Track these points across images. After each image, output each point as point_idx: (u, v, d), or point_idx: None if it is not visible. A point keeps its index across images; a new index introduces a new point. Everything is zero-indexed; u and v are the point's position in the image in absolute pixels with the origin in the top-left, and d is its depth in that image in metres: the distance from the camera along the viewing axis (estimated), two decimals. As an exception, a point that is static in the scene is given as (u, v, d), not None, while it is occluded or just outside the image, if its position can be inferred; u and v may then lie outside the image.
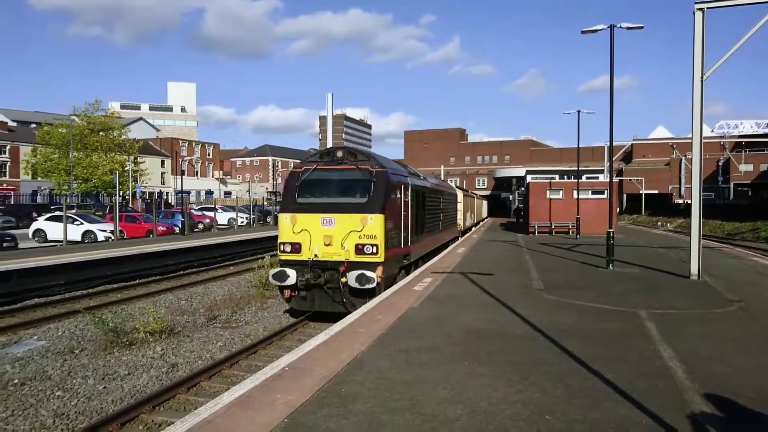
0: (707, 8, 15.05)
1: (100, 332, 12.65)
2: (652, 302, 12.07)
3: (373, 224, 13.24)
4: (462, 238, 33.08)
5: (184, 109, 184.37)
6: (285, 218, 13.82)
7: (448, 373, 6.91)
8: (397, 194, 14.83)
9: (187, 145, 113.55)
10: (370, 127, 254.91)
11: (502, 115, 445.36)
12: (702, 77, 15.18)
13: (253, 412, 5.60)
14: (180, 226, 38.28)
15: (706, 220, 34.52)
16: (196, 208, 55.19)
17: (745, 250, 27.11)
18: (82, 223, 33.11)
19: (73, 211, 40.98)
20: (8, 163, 78.14)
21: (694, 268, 15.67)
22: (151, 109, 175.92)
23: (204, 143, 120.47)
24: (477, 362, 7.41)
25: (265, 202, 75.19)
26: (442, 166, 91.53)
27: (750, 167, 78.83)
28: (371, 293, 12.98)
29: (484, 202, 71.52)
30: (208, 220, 44.28)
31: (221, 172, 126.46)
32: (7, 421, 8.22)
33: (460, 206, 33.63)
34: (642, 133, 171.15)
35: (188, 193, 77.65)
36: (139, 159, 73.55)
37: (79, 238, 32.00)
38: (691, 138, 15.82)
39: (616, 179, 30.28)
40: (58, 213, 35.50)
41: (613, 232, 18.80)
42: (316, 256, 13.42)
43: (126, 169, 64.20)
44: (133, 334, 12.61)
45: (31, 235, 34.17)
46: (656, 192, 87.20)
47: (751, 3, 15.03)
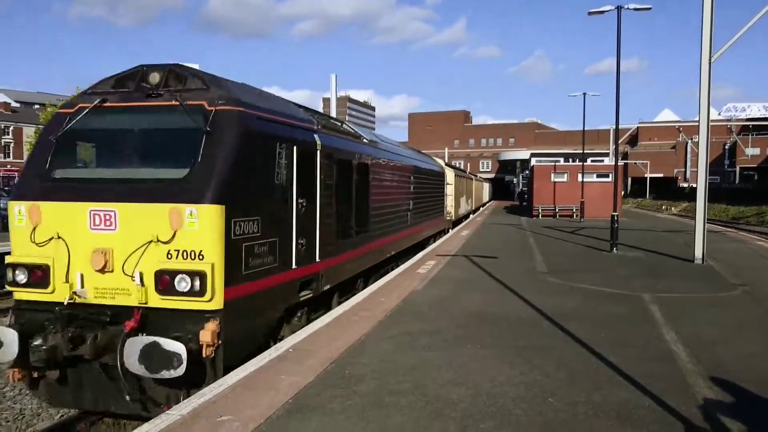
0: (717, -11, 14.84)
1: None
2: (656, 286, 12.06)
3: (199, 227, 6.29)
4: (453, 231, 26.54)
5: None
6: (18, 211, 6.72)
7: (452, 356, 6.92)
8: (276, 161, 7.61)
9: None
10: (373, 109, 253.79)
11: (507, 98, 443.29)
12: (710, 59, 15.02)
13: (257, 393, 5.63)
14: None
15: (711, 204, 34.40)
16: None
17: (749, 235, 27.03)
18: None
19: None
20: (12, 144, 78.30)
21: (699, 252, 15.63)
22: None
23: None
24: (480, 345, 7.43)
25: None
26: (446, 149, 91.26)
27: (757, 151, 78.39)
28: (188, 382, 6.23)
29: (486, 185, 67.72)
30: None
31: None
32: None
33: (450, 189, 27.40)
34: (648, 116, 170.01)
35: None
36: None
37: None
38: (698, 121, 15.70)
39: (621, 162, 30.37)
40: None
41: (618, 216, 18.75)
42: (76, 294, 6.49)
43: None
44: None
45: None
46: (661, 176, 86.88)
47: (762, -16, 14.79)
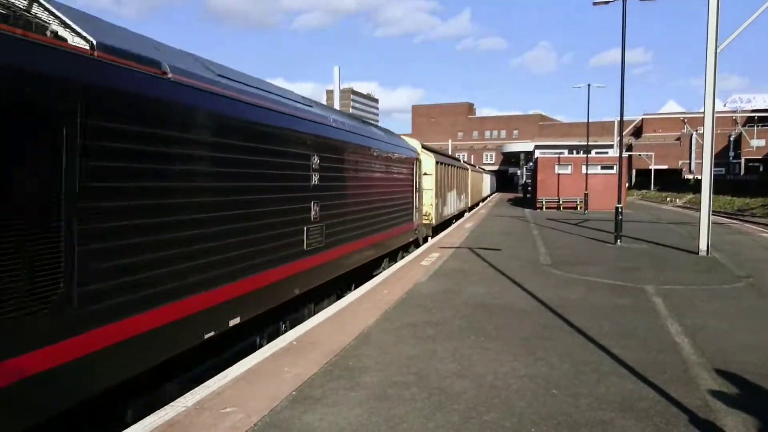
0: (723, -21, 14.72)
1: None
2: (660, 278, 12.04)
3: None
4: (435, 239, 20.04)
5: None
6: None
7: (455, 348, 6.94)
8: None
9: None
10: (377, 101, 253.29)
11: (511, 90, 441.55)
12: (716, 50, 14.92)
13: (261, 384, 5.65)
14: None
15: (716, 195, 34.28)
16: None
17: (754, 227, 26.94)
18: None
19: None
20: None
21: (703, 244, 15.60)
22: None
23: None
24: (484, 337, 7.44)
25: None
26: (450, 141, 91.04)
27: (762, 142, 77.88)
28: None
29: (487, 177, 62.37)
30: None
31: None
32: None
33: (430, 181, 20.30)
34: (653, 108, 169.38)
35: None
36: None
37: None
38: (703, 112, 15.62)
39: (625, 154, 30.03)
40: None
41: (622, 208, 18.71)
42: None
43: None
44: None
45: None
46: (666, 167, 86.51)
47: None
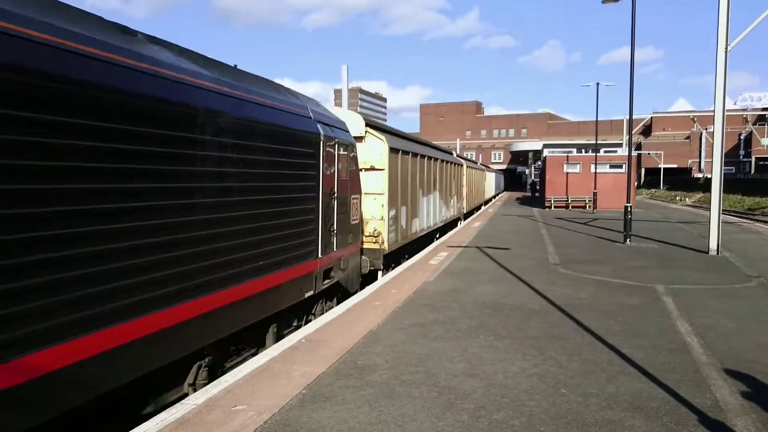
0: (733, -24, 14.62)
1: None
2: (670, 277, 11.99)
3: None
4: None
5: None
6: None
7: (464, 347, 6.94)
8: None
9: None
10: (385, 100, 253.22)
11: (520, 88, 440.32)
12: (726, 48, 14.82)
13: (271, 383, 5.68)
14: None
15: (726, 194, 34.10)
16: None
17: (765, 226, 26.73)
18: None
19: None
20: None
21: (713, 244, 15.50)
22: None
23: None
24: (493, 336, 7.44)
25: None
26: (458, 140, 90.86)
27: (773, 141, 77.16)
28: None
29: (491, 175, 53.21)
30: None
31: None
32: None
33: (379, 181, 13.34)
34: (662, 106, 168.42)
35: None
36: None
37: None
38: (713, 111, 15.53)
39: (634, 153, 29.79)
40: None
41: (631, 207, 18.63)
42: None
43: None
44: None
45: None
46: (675, 166, 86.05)
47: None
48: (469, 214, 31.25)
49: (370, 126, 13.53)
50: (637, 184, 66.43)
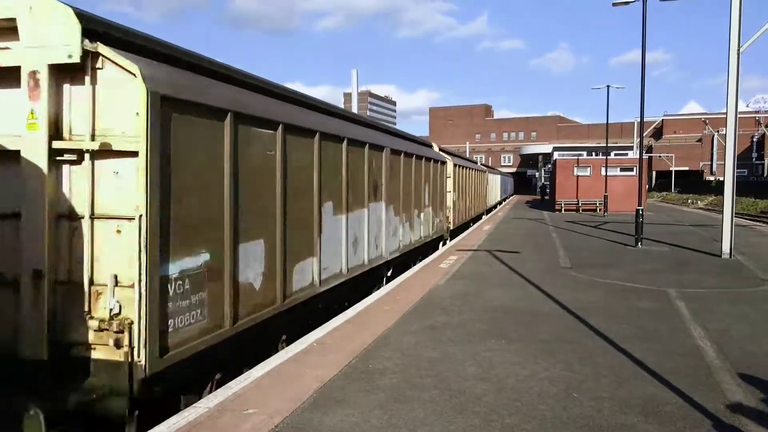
0: (745, -22, 14.54)
1: None
2: (682, 281, 11.90)
3: None
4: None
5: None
6: None
7: (475, 351, 6.92)
8: None
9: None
10: (394, 103, 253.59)
11: (530, 91, 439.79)
12: (738, 50, 14.73)
13: (282, 386, 5.69)
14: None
15: (739, 197, 33.74)
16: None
17: (778, 229, 26.47)
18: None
19: None
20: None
21: (726, 247, 15.37)
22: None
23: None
24: (504, 339, 7.41)
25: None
26: (468, 143, 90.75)
27: (786, 143, 76.55)
28: None
29: (495, 178, 45.38)
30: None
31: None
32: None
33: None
34: (673, 109, 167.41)
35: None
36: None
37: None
38: (725, 113, 15.42)
39: (645, 156, 29.35)
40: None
41: (643, 210, 18.52)
42: None
43: None
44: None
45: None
46: (687, 169, 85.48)
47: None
48: (463, 229, 23.73)
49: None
50: (648, 187, 66.01)
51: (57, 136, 4.95)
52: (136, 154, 4.86)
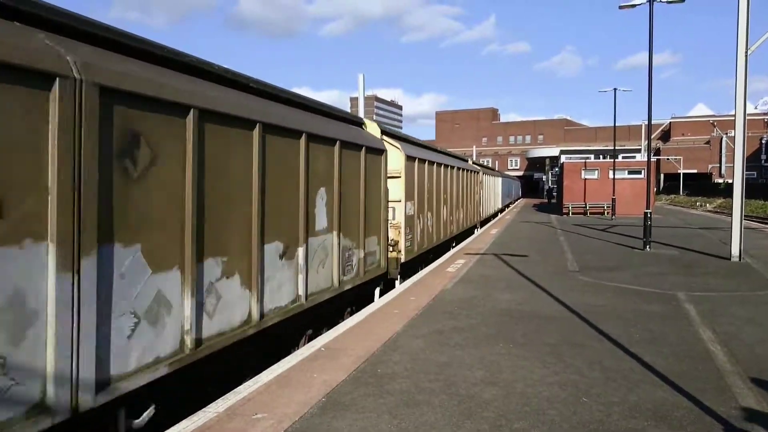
0: (753, -21, 14.50)
1: None
2: (691, 284, 11.84)
3: None
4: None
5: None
6: None
7: (483, 355, 6.91)
8: None
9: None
10: (401, 107, 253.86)
11: (536, 95, 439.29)
12: (746, 52, 14.68)
13: (291, 391, 5.70)
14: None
15: (748, 200, 33.55)
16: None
17: (788, 231, 26.29)
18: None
19: None
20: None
21: (735, 250, 15.28)
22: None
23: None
24: (512, 343, 7.40)
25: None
26: (474, 146, 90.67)
27: (795, 145, 76.03)
28: None
29: (496, 181, 38.04)
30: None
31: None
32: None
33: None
34: (681, 111, 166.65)
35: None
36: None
37: None
38: (734, 115, 15.35)
39: (653, 158, 29.04)
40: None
41: (651, 213, 18.44)
42: None
43: None
44: None
45: None
46: (695, 171, 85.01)
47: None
48: (436, 254, 17.00)
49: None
50: (656, 189, 65.70)
51: None
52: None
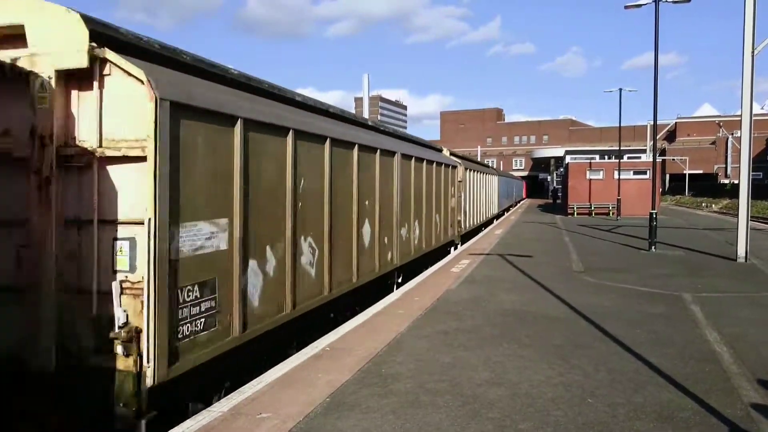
0: (759, -21, 14.44)
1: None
2: (697, 285, 11.79)
3: None
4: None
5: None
6: None
7: (488, 355, 6.90)
8: None
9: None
10: (405, 108, 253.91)
11: (541, 95, 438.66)
12: (753, 52, 14.62)
13: (295, 391, 5.70)
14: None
15: (754, 200, 33.19)
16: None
17: (795, 232, 26.16)
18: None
19: None
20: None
21: (741, 251, 15.22)
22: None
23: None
24: (517, 344, 7.38)
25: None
26: (479, 147, 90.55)
27: (801, 145, 75.65)
28: None
29: (492, 180, 31.14)
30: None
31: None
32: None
33: None
34: (687, 111, 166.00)
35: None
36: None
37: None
38: (740, 115, 15.29)
39: (658, 159, 28.72)
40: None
41: (656, 213, 18.38)
42: None
43: None
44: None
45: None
46: (701, 172, 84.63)
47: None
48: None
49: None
50: (661, 190, 65.46)
51: None
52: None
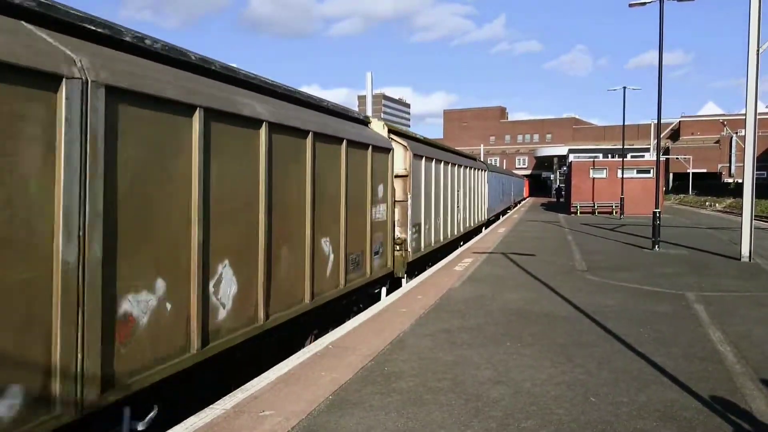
0: (765, -23, 14.39)
1: None
2: (701, 284, 11.77)
3: None
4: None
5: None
6: None
7: (491, 354, 6.89)
8: None
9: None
10: (408, 106, 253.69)
11: (545, 94, 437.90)
12: (758, 50, 14.58)
13: (298, 389, 5.71)
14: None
15: (758, 199, 33.27)
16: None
17: (799, 231, 26.08)
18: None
19: None
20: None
21: (745, 250, 15.18)
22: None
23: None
24: (520, 343, 7.38)
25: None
26: (482, 145, 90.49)
27: (806, 144, 75.33)
28: None
29: (481, 177, 25.28)
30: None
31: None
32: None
33: None
34: (691, 110, 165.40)
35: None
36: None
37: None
38: (744, 114, 15.24)
39: (662, 158, 28.61)
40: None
41: (660, 212, 18.34)
42: None
43: None
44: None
45: None
46: (704, 171, 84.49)
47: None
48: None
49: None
50: (665, 189, 65.34)
51: None
52: None
